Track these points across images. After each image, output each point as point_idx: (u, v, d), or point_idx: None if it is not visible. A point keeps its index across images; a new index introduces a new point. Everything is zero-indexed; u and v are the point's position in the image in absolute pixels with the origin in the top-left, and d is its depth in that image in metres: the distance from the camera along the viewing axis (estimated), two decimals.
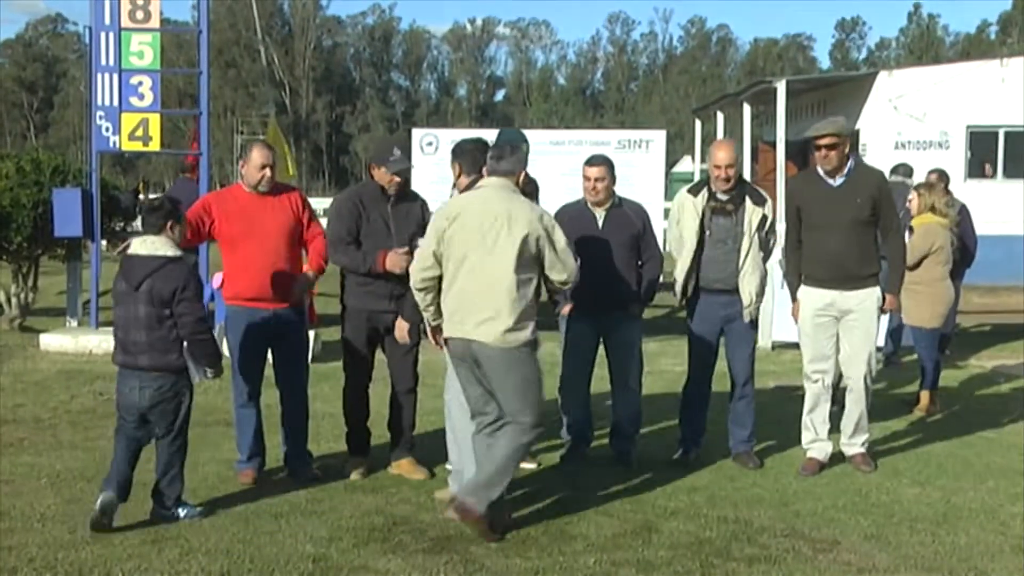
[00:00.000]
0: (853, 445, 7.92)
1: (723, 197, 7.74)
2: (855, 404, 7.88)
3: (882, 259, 7.92)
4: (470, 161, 6.92)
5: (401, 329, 7.18)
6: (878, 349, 11.65)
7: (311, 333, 9.70)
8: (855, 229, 7.67)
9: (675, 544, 6.07)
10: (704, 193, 7.80)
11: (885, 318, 9.87)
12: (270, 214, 7.24)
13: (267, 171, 7.21)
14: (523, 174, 6.96)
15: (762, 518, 6.59)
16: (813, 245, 7.82)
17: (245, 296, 7.21)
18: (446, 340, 6.43)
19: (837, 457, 7.96)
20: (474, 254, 6.21)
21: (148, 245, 6.25)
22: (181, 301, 6.16)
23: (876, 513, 6.74)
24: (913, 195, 10.16)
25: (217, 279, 8.08)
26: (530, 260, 6.23)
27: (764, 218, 7.75)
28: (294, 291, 7.35)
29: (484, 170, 6.61)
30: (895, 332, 11.87)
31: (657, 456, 8.03)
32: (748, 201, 7.74)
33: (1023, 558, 5.99)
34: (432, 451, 7.64)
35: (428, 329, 6.65)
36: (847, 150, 7.71)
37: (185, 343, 6.24)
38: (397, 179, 7.26)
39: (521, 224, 6.18)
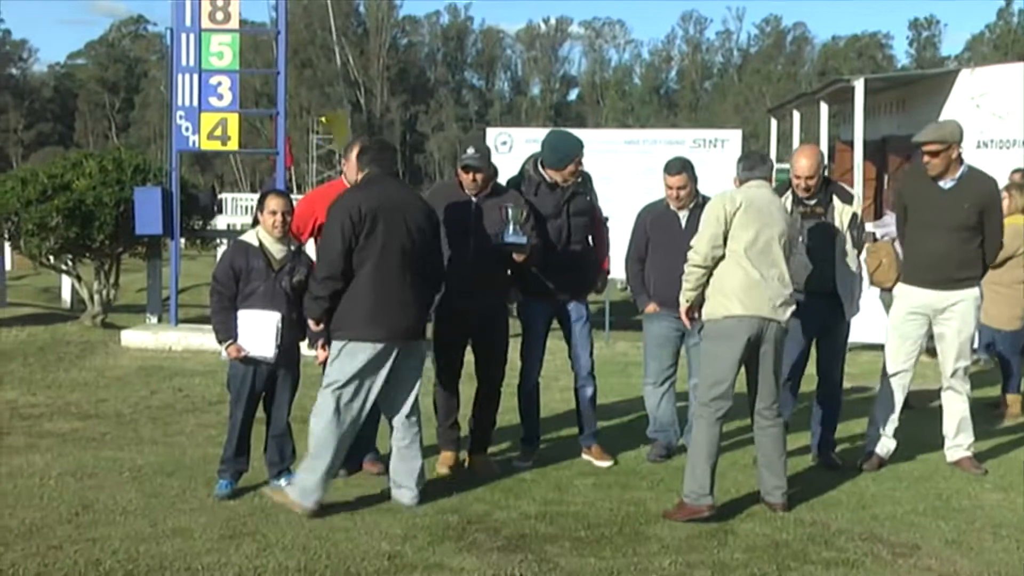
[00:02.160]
0: (958, 448, 7.84)
1: (811, 201, 7.64)
2: (955, 405, 7.81)
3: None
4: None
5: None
6: (972, 351, 11.51)
7: None
8: (959, 233, 7.61)
9: (751, 546, 6.02)
10: (788, 197, 7.62)
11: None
12: None
13: None
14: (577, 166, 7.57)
15: (840, 521, 6.52)
16: (916, 245, 7.76)
17: None
18: (714, 319, 6.66)
19: (917, 459, 7.89)
20: (767, 243, 6.61)
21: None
22: None
23: (957, 518, 6.62)
24: (1005, 195, 9.98)
25: None
26: None
27: (854, 216, 7.64)
28: None
29: (734, 178, 7.04)
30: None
31: (731, 457, 7.98)
32: (836, 201, 7.63)
33: None
34: (506, 449, 7.68)
35: (683, 310, 6.98)
36: (955, 155, 7.60)
37: None
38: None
39: (786, 221, 6.82)
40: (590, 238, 7.90)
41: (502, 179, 7.75)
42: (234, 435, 6.86)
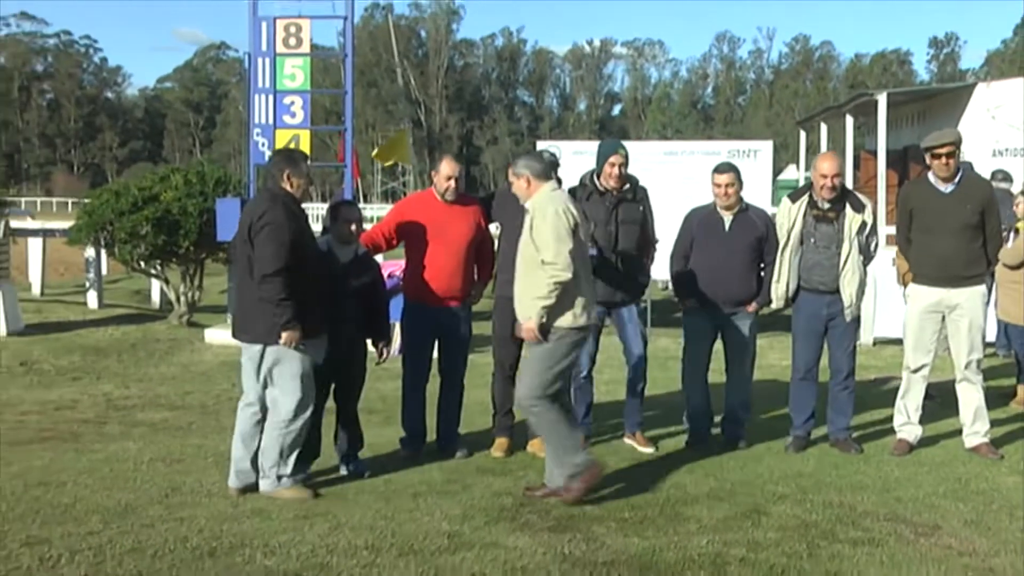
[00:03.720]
0: (975, 435, 7.77)
1: (825, 205, 7.62)
2: (969, 394, 7.76)
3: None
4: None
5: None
6: (989, 344, 11.43)
7: None
8: (963, 233, 7.57)
9: (783, 526, 5.98)
10: (804, 200, 7.70)
11: (992, 315, 9.75)
12: (455, 222, 7.33)
13: (452, 182, 7.30)
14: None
15: (865, 503, 6.45)
16: (924, 246, 7.71)
17: (424, 294, 7.34)
18: (564, 327, 6.30)
19: (938, 446, 7.82)
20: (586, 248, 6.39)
21: None
22: None
23: (976, 500, 6.54)
24: (1020, 199, 9.95)
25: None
26: None
27: (864, 224, 7.63)
28: (473, 296, 7.62)
29: (517, 174, 6.56)
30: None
31: (766, 444, 7.94)
32: (848, 208, 7.64)
33: None
34: None
35: (535, 324, 6.32)
36: (959, 159, 7.60)
37: None
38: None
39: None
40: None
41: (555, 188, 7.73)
42: (307, 424, 6.90)
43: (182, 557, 5.32)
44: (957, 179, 7.60)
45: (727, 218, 7.79)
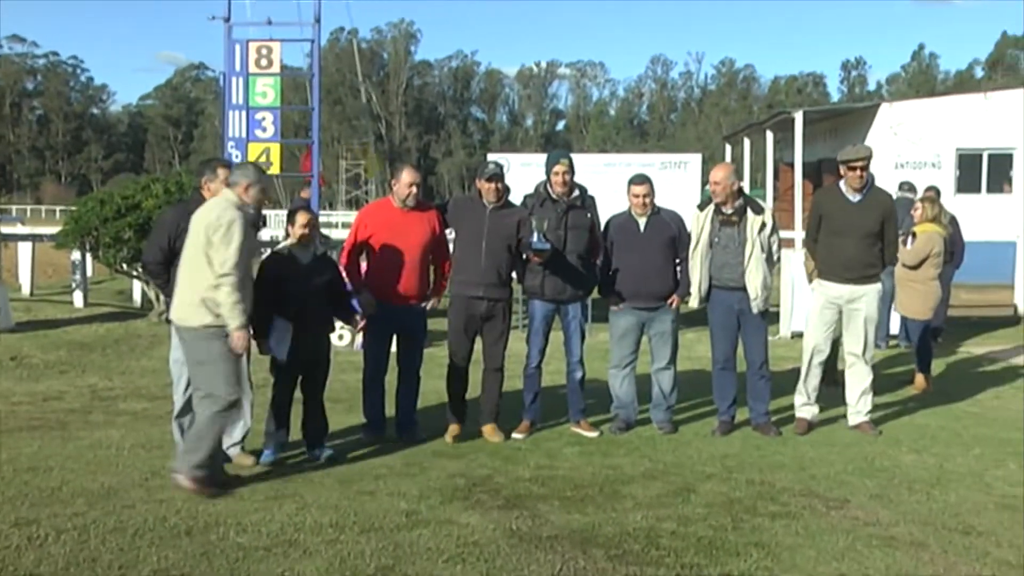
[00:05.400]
0: (858, 414, 7.93)
1: (728, 211, 7.73)
2: (858, 378, 7.89)
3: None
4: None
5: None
6: (893, 337, 11.59)
7: None
8: (867, 239, 7.78)
9: (710, 503, 6.02)
10: (711, 208, 7.80)
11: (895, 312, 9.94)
12: (412, 227, 7.29)
13: (413, 188, 7.26)
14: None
15: (783, 480, 6.51)
16: (832, 248, 7.88)
17: (382, 294, 7.27)
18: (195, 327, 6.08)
19: (847, 429, 7.90)
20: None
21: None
22: None
23: (880, 476, 6.63)
24: (919, 206, 10.13)
25: None
26: None
27: (764, 224, 7.73)
28: (432, 294, 7.53)
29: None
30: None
31: (694, 428, 7.98)
32: (749, 212, 7.75)
33: (1005, 514, 5.87)
34: (506, 419, 7.67)
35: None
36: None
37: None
38: None
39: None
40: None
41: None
42: (275, 412, 6.84)
43: (161, 535, 5.26)
44: (865, 190, 7.73)
45: (641, 222, 7.83)
